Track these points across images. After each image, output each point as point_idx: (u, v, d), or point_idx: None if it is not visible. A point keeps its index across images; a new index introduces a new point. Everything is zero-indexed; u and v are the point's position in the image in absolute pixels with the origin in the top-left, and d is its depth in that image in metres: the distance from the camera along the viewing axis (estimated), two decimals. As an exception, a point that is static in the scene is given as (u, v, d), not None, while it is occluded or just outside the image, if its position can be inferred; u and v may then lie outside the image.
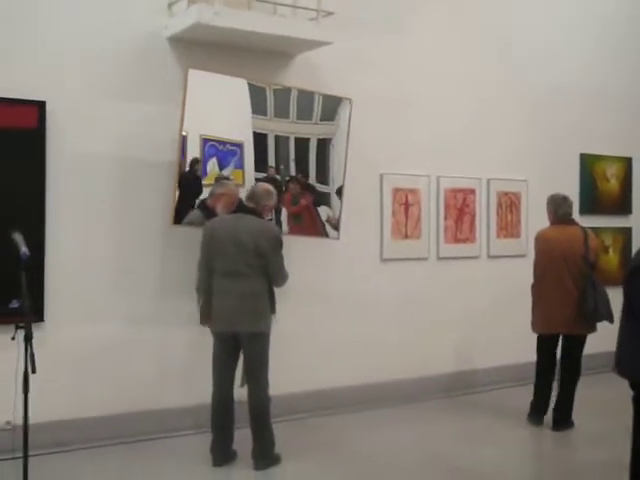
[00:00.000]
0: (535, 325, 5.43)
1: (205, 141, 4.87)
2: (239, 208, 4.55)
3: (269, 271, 4.35)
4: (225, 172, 4.98)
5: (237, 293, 4.31)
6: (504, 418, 5.66)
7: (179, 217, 4.86)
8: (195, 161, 4.87)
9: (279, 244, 4.42)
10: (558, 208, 5.44)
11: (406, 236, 6.13)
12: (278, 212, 5.18)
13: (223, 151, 4.94)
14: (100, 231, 4.96)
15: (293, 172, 5.27)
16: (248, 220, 4.38)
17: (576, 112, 7.16)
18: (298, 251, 5.40)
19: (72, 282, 4.86)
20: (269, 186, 4.63)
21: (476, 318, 6.47)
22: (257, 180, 5.03)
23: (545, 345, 5.42)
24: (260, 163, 5.10)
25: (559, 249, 5.26)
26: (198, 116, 4.79)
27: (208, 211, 4.82)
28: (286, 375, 5.25)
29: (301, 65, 5.57)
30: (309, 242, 5.52)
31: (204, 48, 5.10)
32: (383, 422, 5.58)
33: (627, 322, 3.52)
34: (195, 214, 4.88)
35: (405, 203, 6.11)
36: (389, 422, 5.59)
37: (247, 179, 5.06)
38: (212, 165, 4.92)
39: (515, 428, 5.45)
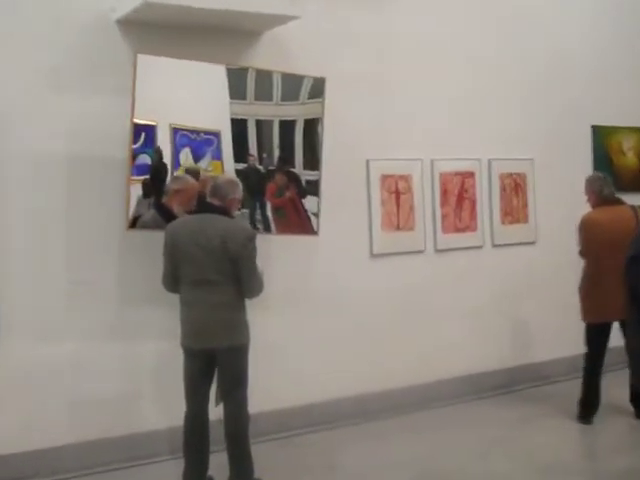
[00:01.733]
0: (589, 313, 5.33)
1: (175, 131, 4.70)
2: (202, 207, 4.28)
3: (240, 279, 4.10)
4: (202, 164, 4.80)
5: (208, 304, 4.09)
6: (524, 425, 5.44)
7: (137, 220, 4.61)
8: (157, 150, 4.67)
9: (252, 246, 4.13)
10: (602, 188, 5.41)
11: (398, 227, 5.90)
12: (262, 206, 5.00)
13: (197, 141, 4.78)
14: (52, 238, 4.72)
15: (277, 161, 5.05)
16: (214, 220, 4.11)
17: (584, 81, 6.88)
18: (275, 249, 5.17)
19: (22, 295, 4.63)
20: (232, 176, 4.46)
21: (483, 314, 6.22)
22: (237, 172, 4.82)
23: (597, 335, 5.34)
24: (240, 152, 4.93)
25: (612, 232, 5.14)
26: (161, 104, 4.60)
27: (165, 211, 4.59)
28: (270, 389, 5.06)
29: (270, 43, 5.28)
30: (287, 238, 5.22)
31: (158, 30, 4.81)
32: (381, 435, 5.32)
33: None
34: (150, 215, 4.63)
35: (395, 191, 5.87)
36: (388, 435, 5.32)
37: (227, 170, 4.89)
38: (185, 156, 4.75)
39: (531, 437, 5.21)
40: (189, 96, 4.76)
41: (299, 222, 5.18)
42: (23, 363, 4.63)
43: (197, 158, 4.80)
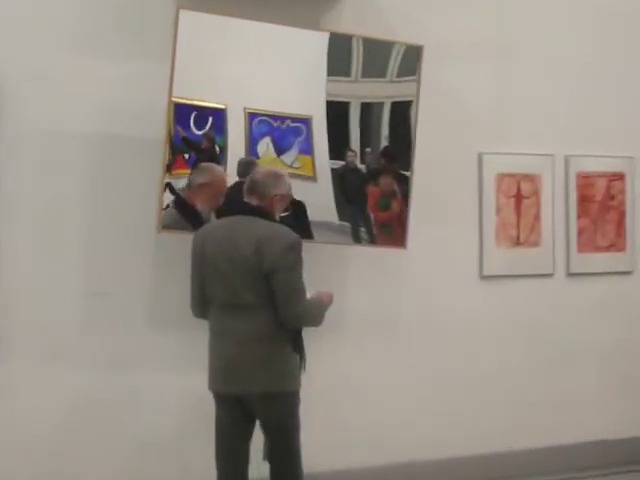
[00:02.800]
0: None
1: (252, 116, 4.23)
2: (237, 207, 3.71)
3: (277, 299, 3.52)
4: (286, 158, 4.29)
5: (239, 334, 3.58)
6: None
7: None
8: (207, 135, 4.09)
9: (293, 257, 3.53)
10: None
11: (518, 243, 5.08)
12: (367, 220, 4.41)
13: (281, 129, 4.30)
14: (66, 241, 4.20)
15: (382, 157, 4.48)
16: (249, 224, 3.60)
17: None
18: (353, 262, 4.57)
19: (29, 310, 4.11)
20: (275, 168, 3.94)
21: (625, 359, 5.34)
22: (333, 172, 4.36)
23: None
24: (337, 145, 4.42)
25: None
26: (232, 82, 4.12)
27: (186, 209, 4.06)
28: (335, 446, 4.51)
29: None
30: (363, 252, 4.50)
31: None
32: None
33: None
34: (169, 215, 4.08)
35: (517, 195, 5.06)
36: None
37: (319, 169, 4.38)
38: (264, 147, 4.28)
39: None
40: (271, 72, 4.26)
41: (402, 234, 4.50)
42: (23, 401, 4.04)
43: (280, 150, 4.33)
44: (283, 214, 3.84)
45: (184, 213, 4.07)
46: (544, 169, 5.18)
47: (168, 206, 4.03)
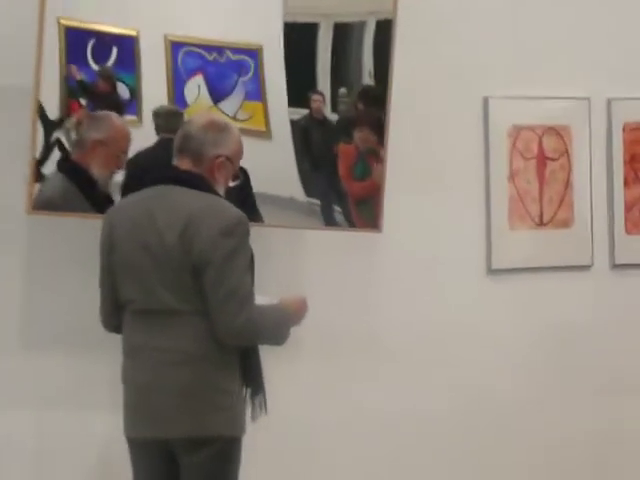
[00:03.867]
0: None
1: (176, 46, 3.61)
2: (158, 174, 3.13)
3: (209, 305, 2.99)
4: (225, 105, 3.64)
5: (157, 353, 3.02)
6: None
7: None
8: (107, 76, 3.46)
9: (231, 244, 2.98)
10: None
11: (541, 223, 4.25)
12: (340, 195, 3.78)
13: (218, 64, 3.68)
14: None
15: (360, 100, 3.86)
16: (177, 198, 3.04)
17: None
18: (311, 252, 3.85)
19: None
20: (217, 117, 3.30)
21: None
22: (293, 122, 3.75)
23: None
24: (298, 88, 3.80)
25: None
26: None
27: (78, 176, 3.46)
28: None
29: None
30: (328, 237, 3.82)
31: None
32: None
33: None
34: (54, 184, 3.47)
35: (538, 155, 4.23)
36: None
37: (273, 121, 3.75)
38: (195, 91, 3.64)
39: None
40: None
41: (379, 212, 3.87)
42: None
43: (218, 95, 3.68)
44: (232, 184, 3.18)
45: (76, 181, 3.46)
46: (577, 118, 4.32)
47: (42, 178, 3.39)
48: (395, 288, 4.06)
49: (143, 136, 3.56)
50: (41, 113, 3.42)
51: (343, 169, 3.77)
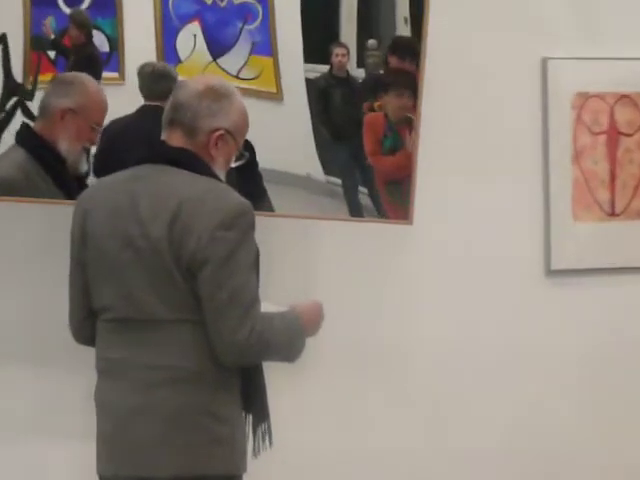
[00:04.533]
0: None
1: None
2: (142, 151, 2.78)
3: (205, 313, 2.66)
4: (225, 61, 3.34)
5: (139, 373, 2.69)
6: None
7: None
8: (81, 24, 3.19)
9: (237, 239, 2.63)
10: None
11: (613, 213, 3.81)
12: (367, 175, 3.52)
13: (218, 9, 3.37)
14: None
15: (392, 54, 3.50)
16: (165, 180, 2.72)
17: None
18: (322, 247, 3.52)
19: None
20: (217, 80, 2.86)
21: None
22: (310, 82, 3.51)
23: None
24: (317, 39, 3.57)
25: None
26: None
27: (47, 151, 3.20)
28: None
29: None
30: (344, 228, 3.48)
31: None
32: None
33: None
34: (12, 161, 3.17)
35: (609, 130, 3.79)
36: None
37: (286, 80, 3.44)
38: (190, 42, 3.34)
39: None
40: None
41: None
42: None
43: (218, 47, 3.38)
44: (235, 164, 2.81)
45: (40, 158, 3.14)
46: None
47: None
48: (427, 295, 3.62)
49: (126, 98, 3.20)
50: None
51: (369, 142, 3.41)
